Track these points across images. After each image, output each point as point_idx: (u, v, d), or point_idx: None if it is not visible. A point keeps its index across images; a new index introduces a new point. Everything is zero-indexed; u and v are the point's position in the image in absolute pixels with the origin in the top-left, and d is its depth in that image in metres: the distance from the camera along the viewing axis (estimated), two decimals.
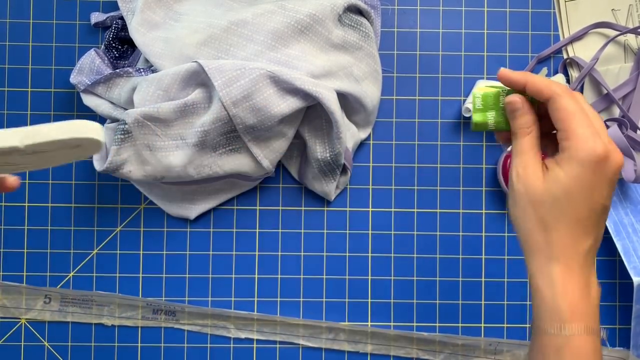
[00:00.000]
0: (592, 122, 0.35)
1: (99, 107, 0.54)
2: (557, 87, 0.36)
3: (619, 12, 0.60)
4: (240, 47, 0.52)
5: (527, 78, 0.37)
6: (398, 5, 0.60)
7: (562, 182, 0.34)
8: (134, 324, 0.59)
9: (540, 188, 0.35)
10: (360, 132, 0.58)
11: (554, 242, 0.35)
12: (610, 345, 0.59)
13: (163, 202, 0.58)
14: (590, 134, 0.34)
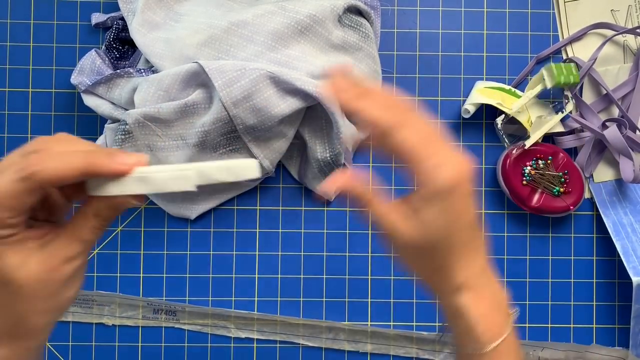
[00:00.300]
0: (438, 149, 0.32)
1: (100, 107, 0.54)
2: (392, 118, 0.31)
3: (618, 13, 0.61)
4: (241, 47, 0.52)
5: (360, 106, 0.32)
6: (398, 5, 0.60)
7: (433, 222, 0.32)
8: (135, 324, 0.59)
9: (415, 236, 0.32)
10: (360, 132, 0.58)
11: (450, 275, 0.34)
12: (610, 345, 0.60)
13: (163, 202, 0.58)
14: (439, 165, 0.31)
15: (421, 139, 0.32)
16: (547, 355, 0.59)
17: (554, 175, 0.57)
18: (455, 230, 0.33)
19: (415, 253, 0.34)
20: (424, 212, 0.32)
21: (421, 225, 0.32)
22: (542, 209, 0.57)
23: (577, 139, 0.59)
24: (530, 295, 0.60)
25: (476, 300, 0.34)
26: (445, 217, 0.32)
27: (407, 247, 0.34)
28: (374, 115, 0.31)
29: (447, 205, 0.32)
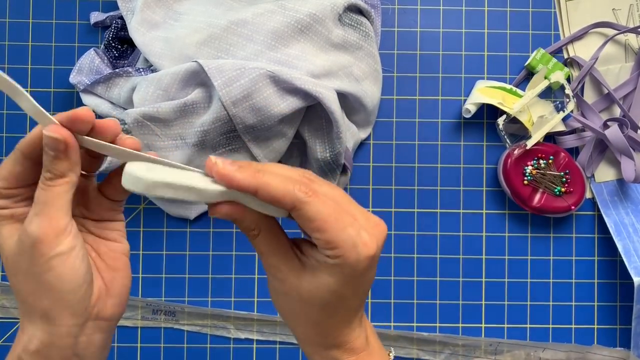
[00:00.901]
0: (350, 218, 0.30)
1: (99, 106, 0.54)
2: (298, 191, 0.29)
3: (619, 12, 0.60)
4: (240, 46, 0.52)
5: (259, 183, 0.29)
6: (398, 4, 0.60)
7: (333, 288, 0.30)
8: (134, 324, 0.58)
9: (305, 292, 0.31)
10: (360, 132, 0.58)
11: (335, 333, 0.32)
12: (611, 346, 0.59)
13: (163, 202, 0.58)
14: (354, 237, 0.29)
15: (333, 208, 0.29)
16: (548, 356, 0.59)
17: (555, 175, 0.57)
18: (353, 297, 0.31)
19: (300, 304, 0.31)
20: (332, 277, 0.30)
21: (321, 284, 0.30)
22: (543, 209, 0.57)
23: (578, 139, 0.58)
24: (531, 296, 0.59)
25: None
26: (350, 287, 0.30)
27: (289, 296, 0.31)
28: (279, 191, 0.29)
29: (358, 276, 0.30)
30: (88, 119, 0.29)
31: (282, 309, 0.33)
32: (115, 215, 0.34)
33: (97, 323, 0.31)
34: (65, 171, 0.29)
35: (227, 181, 0.28)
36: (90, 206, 0.33)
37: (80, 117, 0.29)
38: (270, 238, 0.32)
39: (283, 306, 0.33)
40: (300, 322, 0.32)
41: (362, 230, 0.30)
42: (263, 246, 0.32)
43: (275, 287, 0.32)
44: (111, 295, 0.32)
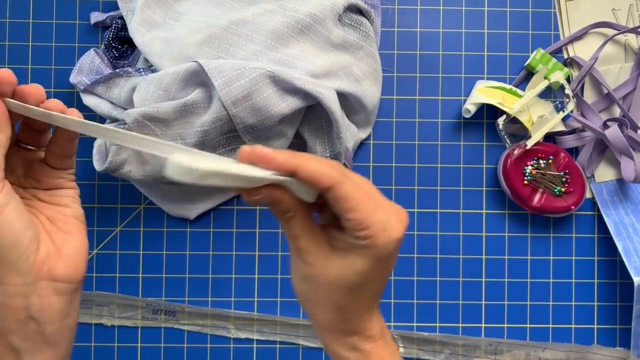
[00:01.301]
0: (379, 202, 0.31)
1: (99, 107, 0.54)
2: (335, 173, 0.30)
3: (619, 12, 0.60)
4: (240, 46, 0.52)
5: (299, 162, 0.30)
6: (398, 4, 0.60)
7: (361, 270, 0.31)
8: (134, 324, 0.59)
9: (333, 274, 0.32)
10: (360, 132, 0.58)
11: (358, 320, 0.33)
12: (611, 346, 0.59)
13: (163, 202, 0.58)
14: (385, 220, 0.31)
15: (364, 192, 0.31)
16: (548, 356, 0.59)
17: (555, 175, 0.57)
18: (377, 282, 0.33)
19: (322, 286, 0.32)
20: (361, 258, 0.31)
21: (349, 267, 0.31)
22: (543, 209, 0.57)
23: (578, 139, 0.58)
24: (531, 296, 0.59)
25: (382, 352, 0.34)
26: (376, 270, 0.32)
27: (318, 277, 0.32)
28: (318, 170, 0.30)
29: (384, 260, 0.31)
30: (9, 79, 0.31)
31: (306, 295, 0.33)
32: (64, 183, 0.35)
33: (51, 284, 0.32)
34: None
35: (269, 161, 0.29)
36: (38, 177, 0.35)
37: (2, 78, 0.31)
38: (304, 221, 0.32)
39: (308, 291, 0.33)
40: (324, 307, 0.33)
41: (390, 214, 0.31)
42: (297, 229, 0.32)
43: (303, 272, 0.33)
44: (63, 256, 0.33)
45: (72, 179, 0.36)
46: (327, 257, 0.32)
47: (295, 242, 0.32)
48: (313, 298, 0.33)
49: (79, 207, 0.36)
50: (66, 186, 0.36)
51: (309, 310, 0.34)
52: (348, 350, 0.33)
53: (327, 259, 0.32)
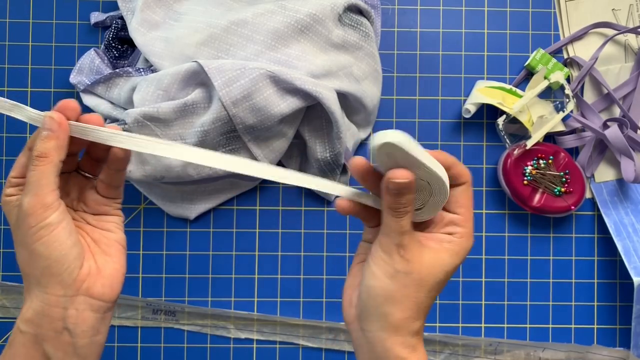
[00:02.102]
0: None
1: (99, 106, 0.54)
2: (469, 174, 0.35)
3: (619, 12, 0.60)
4: (240, 46, 0.52)
5: (455, 160, 0.35)
6: (398, 5, 0.60)
7: (447, 269, 0.34)
8: (134, 324, 0.59)
9: (425, 271, 0.34)
10: (360, 132, 0.58)
11: (420, 323, 0.35)
12: (611, 346, 0.59)
13: (163, 202, 0.58)
14: (473, 225, 0.35)
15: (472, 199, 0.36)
16: (548, 356, 0.59)
17: (555, 175, 0.57)
18: (443, 284, 0.35)
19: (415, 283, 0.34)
20: (450, 257, 0.34)
21: (437, 264, 0.34)
22: (543, 209, 0.57)
23: (578, 139, 0.58)
24: (531, 296, 0.59)
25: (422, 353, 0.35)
26: (452, 271, 0.35)
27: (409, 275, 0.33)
28: (464, 168, 0.35)
29: (459, 265, 0.35)
30: (75, 107, 0.35)
31: (391, 292, 0.34)
32: (110, 210, 0.39)
33: (88, 300, 0.35)
34: (50, 150, 0.33)
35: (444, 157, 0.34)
36: (88, 202, 0.38)
37: (69, 105, 0.35)
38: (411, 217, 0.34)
39: (395, 289, 0.34)
40: (404, 305, 0.34)
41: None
42: (408, 225, 0.34)
43: (396, 268, 0.33)
44: (102, 276, 0.36)
45: (119, 207, 0.39)
46: (421, 254, 0.34)
47: (401, 238, 0.33)
48: (397, 296, 0.34)
49: (122, 233, 0.39)
50: (112, 213, 0.39)
51: (385, 309, 0.34)
52: (410, 351, 0.34)
53: (421, 257, 0.34)
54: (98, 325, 0.36)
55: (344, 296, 0.37)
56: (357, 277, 0.37)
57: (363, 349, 0.35)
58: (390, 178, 0.32)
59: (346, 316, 0.37)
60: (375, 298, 0.34)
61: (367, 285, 0.34)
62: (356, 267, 0.38)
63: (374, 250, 0.34)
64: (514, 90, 0.57)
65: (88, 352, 0.36)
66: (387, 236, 0.33)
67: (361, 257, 0.38)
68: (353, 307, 0.36)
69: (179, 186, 0.57)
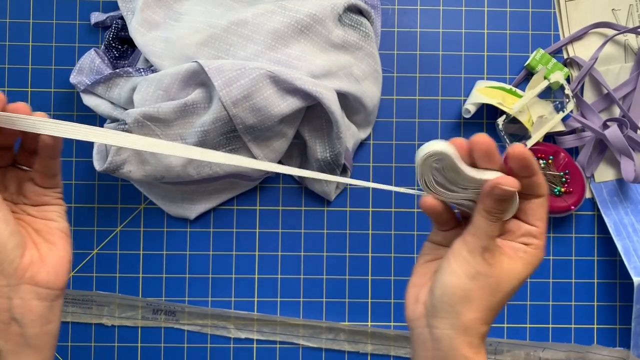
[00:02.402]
0: None
1: (99, 107, 0.54)
2: (546, 187, 0.36)
3: (619, 12, 0.60)
4: (240, 47, 0.52)
5: (538, 169, 0.35)
6: (398, 5, 0.60)
7: (521, 277, 0.35)
8: (134, 324, 0.59)
9: (502, 277, 0.35)
10: (360, 132, 0.58)
11: (487, 328, 0.36)
12: (611, 346, 0.59)
13: (163, 202, 0.58)
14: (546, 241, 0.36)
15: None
16: (548, 356, 0.59)
17: (555, 175, 0.57)
18: (513, 292, 0.36)
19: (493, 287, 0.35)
20: (520, 266, 0.35)
21: (512, 271, 0.35)
22: None
23: (578, 139, 0.58)
24: (531, 296, 0.59)
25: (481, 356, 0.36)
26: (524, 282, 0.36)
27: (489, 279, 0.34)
28: (543, 180, 0.35)
29: (529, 276, 0.36)
30: (0, 97, 0.34)
31: (468, 292, 0.34)
32: (50, 200, 0.39)
33: (33, 289, 0.35)
34: None
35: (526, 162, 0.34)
36: (28, 195, 0.38)
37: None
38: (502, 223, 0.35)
39: (472, 289, 0.34)
40: (478, 306, 0.34)
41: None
42: (498, 229, 0.35)
43: (477, 270, 0.34)
44: (46, 264, 0.36)
45: (58, 196, 0.39)
46: (501, 260, 0.35)
47: (489, 242, 0.34)
48: (473, 296, 0.34)
49: (64, 222, 0.39)
50: (53, 203, 0.39)
51: (459, 307, 0.34)
52: (475, 353, 0.35)
53: (501, 262, 0.35)
54: (47, 313, 0.36)
55: (409, 294, 0.38)
56: (423, 275, 0.38)
57: (426, 346, 0.36)
58: (499, 183, 0.33)
59: (410, 313, 0.37)
60: (451, 296, 0.35)
61: (444, 282, 0.35)
62: (422, 267, 0.39)
63: (457, 249, 0.35)
64: (514, 90, 0.57)
65: (40, 342, 0.36)
66: (476, 237, 0.34)
67: (427, 257, 0.39)
68: (420, 304, 0.37)
69: (179, 186, 0.57)
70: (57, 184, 0.39)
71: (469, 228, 0.35)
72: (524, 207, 0.36)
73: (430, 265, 0.38)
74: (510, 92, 0.57)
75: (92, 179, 0.59)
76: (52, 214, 0.38)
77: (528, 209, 0.35)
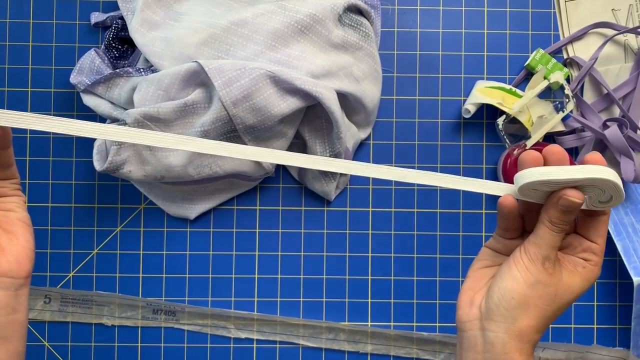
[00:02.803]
0: None
1: (99, 107, 0.54)
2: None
3: (619, 12, 0.60)
4: (240, 47, 0.52)
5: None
6: (398, 5, 0.60)
7: (577, 292, 0.36)
8: (134, 324, 0.59)
9: (561, 288, 0.36)
10: (360, 132, 0.58)
11: (539, 337, 0.37)
12: (611, 345, 0.59)
13: (163, 202, 0.58)
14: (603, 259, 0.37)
15: None
16: (548, 356, 0.59)
17: None
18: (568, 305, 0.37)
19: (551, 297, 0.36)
20: (578, 281, 0.36)
21: (571, 286, 0.36)
22: None
23: (578, 139, 0.59)
24: None
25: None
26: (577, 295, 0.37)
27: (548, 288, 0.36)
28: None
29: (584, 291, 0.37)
30: None
31: (526, 299, 0.36)
32: (8, 191, 0.39)
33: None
34: None
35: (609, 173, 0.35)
36: None
37: None
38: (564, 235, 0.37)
39: (530, 296, 0.36)
40: (534, 314, 0.36)
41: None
42: (560, 241, 0.36)
43: (538, 278, 0.35)
44: (7, 253, 0.37)
45: (16, 187, 0.39)
46: (560, 272, 0.36)
47: (550, 252, 0.36)
48: (531, 304, 0.36)
49: (24, 212, 0.39)
50: (10, 194, 0.39)
51: (516, 313, 0.36)
52: (526, 358, 0.36)
53: (560, 274, 0.36)
54: (13, 303, 0.36)
55: (463, 297, 0.39)
56: (480, 280, 0.39)
57: (477, 348, 0.37)
58: (566, 195, 0.34)
59: (463, 315, 0.38)
60: (509, 300, 0.36)
61: (504, 286, 0.36)
62: (478, 272, 0.40)
63: (518, 256, 0.36)
64: (513, 90, 0.57)
65: (9, 332, 0.36)
66: (538, 247, 0.36)
67: (484, 262, 0.40)
68: (474, 307, 0.38)
69: (179, 186, 0.57)
70: (12, 175, 0.39)
71: (531, 237, 0.36)
72: (586, 224, 0.37)
73: (487, 271, 0.40)
74: (510, 92, 0.57)
75: (92, 179, 0.59)
76: (11, 205, 0.39)
77: (590, 226, 0.37)
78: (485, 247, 0.41)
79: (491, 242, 0.41)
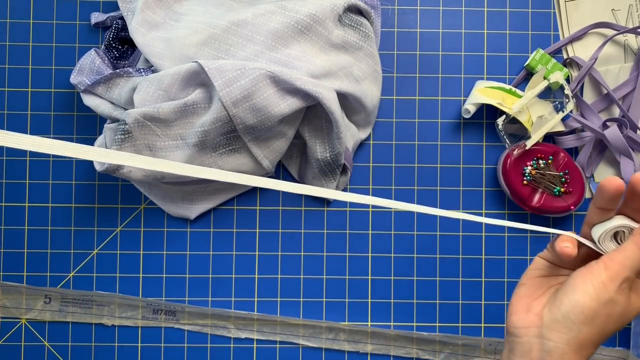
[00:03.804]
0: None
1: (99, 107, 0.54)
2: None
3: (619, 12, 0.60)
4: (240, 47, 0.52)
5: None
6: (398, 5, 0.60)
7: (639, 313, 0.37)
8: (134, 324, 0.59)
9: (629, 309, 0.37)
10: (360, 132, 0.58)
11: (593, 351, 0.38)
12: (611, 345, 0.59)
13: (163, 202, 0.58)
14: None
15: None
16: None
17: (555, 175, 0.57)
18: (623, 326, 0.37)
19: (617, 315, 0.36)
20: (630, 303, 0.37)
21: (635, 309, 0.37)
22: (542, 209, 0.57)
23: (577, 139, 0.59)
24: None
25: None
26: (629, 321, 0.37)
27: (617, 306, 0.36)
28: None
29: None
30: None
31: (596, 312, 0.36)
32: None
33: None
34: None
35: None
36: None
37: None
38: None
39: (600, 311, 0.36)
40: (596, 327, 0.36)
41: None
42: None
43: (611, 297, 0.36)
44: None
45: None
46: (632, 296, 0.37)
47: (632, 273, 0.36)
48: (598, 320, 0.36)
49: None
50: None
51: (581, 327, 0.36)
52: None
53: (630, 297, 0.37)
54: None
55: (518, 304, 0.39)
56: (538, 288, 0.40)
57: (531, 355, 0.37)
58: None
59: (518, 321, 0.39)
60: (579, 314, 0.36)
61: (575, 299, 0.36)
62: (534, 280, 0.40)
63: (597, 272, 0.36)
64: (513, 90, 0.57)
65: None
66: (622, 266, 0.36)
67: (539, 272, 0.41)
68: (532, 314, 0.38)
69: (179, 186, 0.57)
70: None
71: (614, 254, 0.36)
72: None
73: (544, 280, 0.40)
74: (510, 92, 0.57)
75: (92, 179, 0.59)
76: None
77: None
78: (539, 257, 0.42)
79: (545, 253, 0.41)
